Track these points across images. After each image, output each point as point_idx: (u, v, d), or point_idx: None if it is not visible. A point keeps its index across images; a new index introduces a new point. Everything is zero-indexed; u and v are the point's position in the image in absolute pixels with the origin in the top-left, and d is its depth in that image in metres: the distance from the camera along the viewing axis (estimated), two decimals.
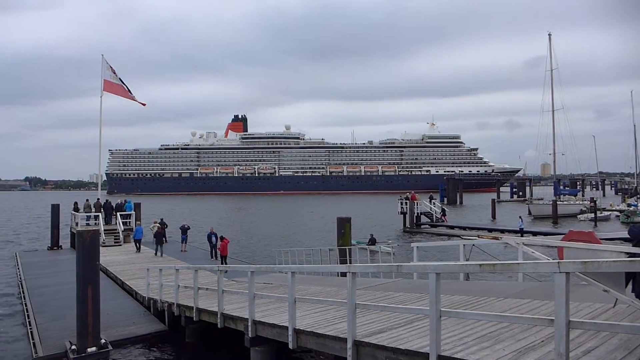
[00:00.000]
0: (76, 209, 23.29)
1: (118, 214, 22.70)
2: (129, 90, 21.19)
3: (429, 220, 31.65)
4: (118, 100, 21.30)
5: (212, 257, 17.70)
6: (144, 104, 22.15)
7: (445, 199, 65.69)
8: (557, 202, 39.38)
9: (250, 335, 6.83)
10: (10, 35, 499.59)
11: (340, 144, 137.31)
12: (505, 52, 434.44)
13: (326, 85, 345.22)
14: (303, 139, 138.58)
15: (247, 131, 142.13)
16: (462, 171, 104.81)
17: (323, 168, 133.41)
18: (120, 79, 21.30)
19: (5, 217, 52.57)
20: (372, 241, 20.45)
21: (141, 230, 20.22)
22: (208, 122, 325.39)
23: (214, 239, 18.04)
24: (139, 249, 19.65)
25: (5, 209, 71.09)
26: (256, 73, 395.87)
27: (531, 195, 64.13)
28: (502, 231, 26.17)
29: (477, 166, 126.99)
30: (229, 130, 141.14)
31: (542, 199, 47.79)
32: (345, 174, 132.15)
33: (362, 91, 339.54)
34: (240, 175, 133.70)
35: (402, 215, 32.14)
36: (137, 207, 23.77)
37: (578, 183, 71.58)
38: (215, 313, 8.00)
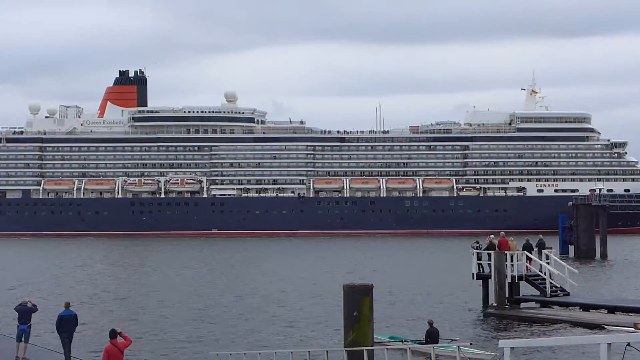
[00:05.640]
0: None
1: None
2: None
3: (539, 294, 31.97)
4: None
5: None
6: None
7: (573, 248, 66.25)
8: None
9: None
10: None
11: (342, 132, 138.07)
12: None
13: (335, 12, 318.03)
14: (262, 123, 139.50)
15: (145, 105, 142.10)
16: (597, 189, 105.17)
17: (301, 182, 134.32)
18: None
19: None
20: (432, 336, 20.74)
21: None
22: (83, 84, 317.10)
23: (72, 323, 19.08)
24: None
25: None
26: None
27: None
28: None
29: (623, 179, 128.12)
30: (108, 103, 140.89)
31: None
32: (346, 194, 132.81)
33: (408, 23, 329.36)
34: (131, 195, 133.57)
35: (479, 282, 32.74)
36: None
37: None
38: None
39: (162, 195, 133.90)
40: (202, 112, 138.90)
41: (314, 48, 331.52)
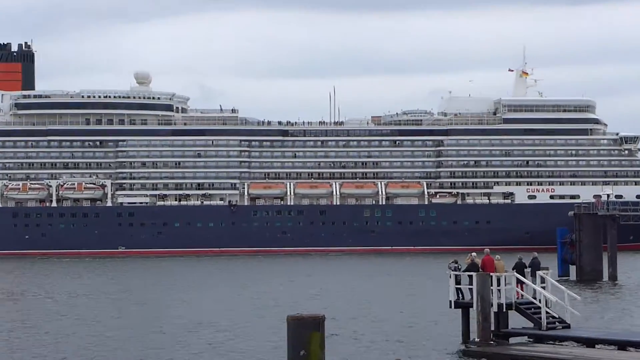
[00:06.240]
0: None
1: None
2: None
3: (533, 327, 31.89)
4: None
5: None
6: None
7: (575, 268, 67.20)
8: None
9: None
10: None
11: (285, 123, 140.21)
12: None
13: None
14: (183, 112, 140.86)
15: (32, 88, 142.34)
16: (603, 195, 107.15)
17: (233, 186, 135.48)
18: None
19: None
20: None
21: None
22: None
23: None
24: None
25: None
26: None
27: None
28: None
29: (635, 182, 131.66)
30: None
31: None
32: (290, 201, 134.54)
33: None
34: (13, 204, 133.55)
35: (458, 311, 32.74)
36: None
37: None
38: None
39: (54, 204, 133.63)
40: (106, 97, 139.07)
41: (250, 17, 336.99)
